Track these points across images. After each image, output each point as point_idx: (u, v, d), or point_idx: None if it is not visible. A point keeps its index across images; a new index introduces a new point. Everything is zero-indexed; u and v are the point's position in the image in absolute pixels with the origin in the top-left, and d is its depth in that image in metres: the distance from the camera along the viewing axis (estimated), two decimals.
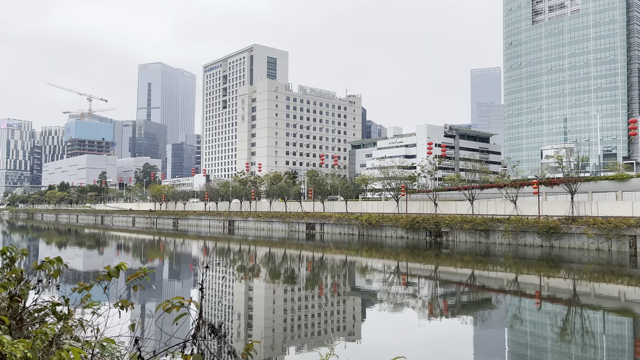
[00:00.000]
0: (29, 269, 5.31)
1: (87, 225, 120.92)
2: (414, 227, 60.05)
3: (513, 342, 19.15)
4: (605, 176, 57.35)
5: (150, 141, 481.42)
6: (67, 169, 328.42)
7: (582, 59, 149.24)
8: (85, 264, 45.67)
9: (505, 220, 52.63)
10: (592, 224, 45.60)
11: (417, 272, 38.59)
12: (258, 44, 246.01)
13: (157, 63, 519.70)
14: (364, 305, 26.43)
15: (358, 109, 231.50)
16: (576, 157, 52.45)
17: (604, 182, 54.62)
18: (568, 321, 21.98)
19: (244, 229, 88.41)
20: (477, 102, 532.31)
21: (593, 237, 45.10)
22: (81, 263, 45.72)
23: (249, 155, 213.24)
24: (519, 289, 30.98)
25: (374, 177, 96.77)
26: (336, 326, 20.29)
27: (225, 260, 48.86)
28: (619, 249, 44.42)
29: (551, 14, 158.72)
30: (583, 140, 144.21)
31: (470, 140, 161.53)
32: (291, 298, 28.10)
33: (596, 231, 45.07)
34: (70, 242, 72.18)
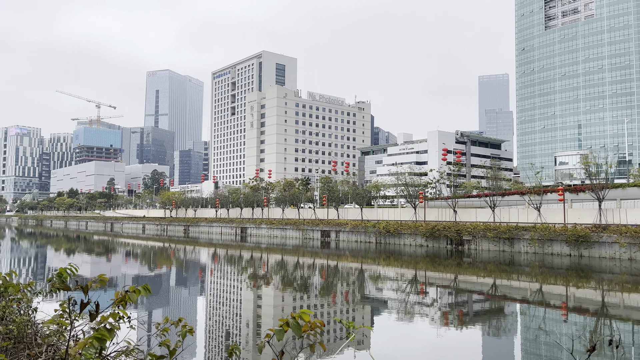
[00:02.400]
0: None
1: (96, 232, 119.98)
2: (434, 235, 58.36)
3: (532, 354, 18.06)
4: (635, 183, 55.51)
5: (158, 148, 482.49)
6: (75, 176, 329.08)
7: (596, 65, 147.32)
8: (96, 271, 44.41)
9: (530, 228, 50.85)
10: (624, 232, 43.76)
11: (438, 281, 37.09)
12: (267, 51, 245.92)
13: (165, 70, 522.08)
14: (379, 314, 25.48)
15: (367, 115, 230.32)
16: (605, 162, 50.56)
17: (633, 189, 52.80)
18: (598, 333, 20.35)
19: (257, 236, 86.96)
20: (485, 109, 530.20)
21: (626, 247, 43.23)
22: (90, 270, 44.48)
23: (258, 162, 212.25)
24: (548, 300, 29.43)
25: (387, 184, 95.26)
26: (344, 334, 19.94)
27: (238, 268, 47.48)
28: None
29: (564, 19, 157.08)
30: (598, 146, 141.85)
31: (482, 146, 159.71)
32: (307, 306, 27.17)
33: (629, 240, 43.22)
34: (81, 249, 71.05)
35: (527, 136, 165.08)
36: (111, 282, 37.12)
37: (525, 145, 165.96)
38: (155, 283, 37.86)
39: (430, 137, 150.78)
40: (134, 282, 37.62)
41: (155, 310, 25.48)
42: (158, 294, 31.46)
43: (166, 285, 36.99)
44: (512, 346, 19.39)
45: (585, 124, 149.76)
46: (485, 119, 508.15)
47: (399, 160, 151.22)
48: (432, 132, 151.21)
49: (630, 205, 51.32)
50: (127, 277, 40.83)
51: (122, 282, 37.52)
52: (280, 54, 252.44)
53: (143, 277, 40.84)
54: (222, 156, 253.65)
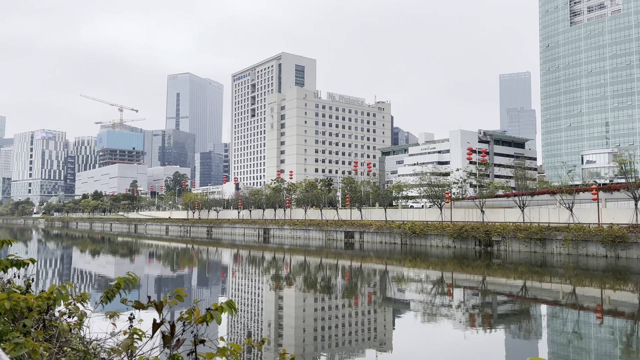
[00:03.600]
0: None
1: (120, 234, 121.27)
2: (462, 236, 57.16)
3: (558, 356, 17.38)
4: None
5: (179, 150, 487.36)
6: (99, 178, 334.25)
7: (624, 60, 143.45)
8: (119, 272, 44.48)
9: (563, 228, 49.35)
10: None
11: (468, 283, 36.20)
12: (286, 52, 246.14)
13: (186, 73, 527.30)
14: (405, 316, 25.05)
15: (387, 116, 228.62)
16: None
17: None
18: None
19: (280, 237, 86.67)
20: (506, 108, 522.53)
21: None
22: (114, 271, 44.65)
23: (278, 163, 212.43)
24: (584, 302, 28.30)
25: (410, 184, 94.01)
26: (371, 335, 19.99)
27: (262, 268, 47.12)
28: None
29: (590, 15, 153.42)
30: (627, 144, 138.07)
31: (505, 145, 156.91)
32: (328, 306, 26.86)
33: None
34: (108, 250, 71.67)
35: (553, 134, 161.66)
36: (143, 284, 37.09)
37: (550, 144, 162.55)
38: (189, 284, 37.69)
39: (453, 136, 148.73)
40: (165, 285, 37.48)
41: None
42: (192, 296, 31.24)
43: (199, 287, 36.77)
44: (541, 351, 18.53)
45: (613, 121, 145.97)
46: (506, 118, 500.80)
47: (421, 160, 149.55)
48: (455, 131, 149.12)
49: None
50: (162, 280, 40.77)
51: (159, 284, 37.44)
52: (300, 55, 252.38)
53: (173, 279, 40.73)
54: (242, 158, 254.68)
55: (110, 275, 42.72)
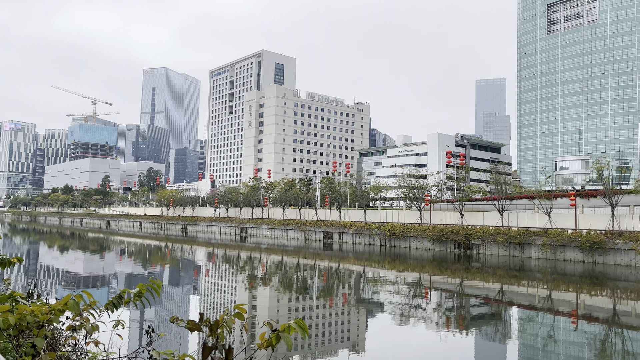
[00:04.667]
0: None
1: (92, 230, 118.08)
2: (442, 239, 57.17)
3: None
4: None
5: (154, 146, 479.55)
6: (70, 172, 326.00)
7: (598, 70, 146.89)
8: (89, 269, 42.84)
9: (542, 233, 49.74)
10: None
11: (446, 286, 36.10)
12: (266, 50, 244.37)
13: (162, 68, 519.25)
14: (380, 318, 24.92)
15: (366, 117, 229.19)
16: (619, 167, 49.56)
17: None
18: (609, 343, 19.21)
19: (257, 236, 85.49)
20: (482, 113, 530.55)
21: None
22: (85, 268, 42.96)
23: (256, 161, 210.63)
24: (563, 308, 28.43)
25: (388, 186, 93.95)
26: (345, 337, 19.89)
27: (237, 268, 46.12)
28: None
29: (567, 24, 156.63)
30: (599, 152, 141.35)
31: (481, 150, 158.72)
32: (302, 307, 26.63)
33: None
34: (78, 246, 69.36)
35: (528, 140, 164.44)
36: (107, 281, 35.69)
37: (525, 150, 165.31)
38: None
39: (430, 139, 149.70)
40: (137, 283, 36.07)
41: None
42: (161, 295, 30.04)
43: (171, 285, 35.53)
44: (513, 355, 18.55)
45: (586, 129, 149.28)
46: (482, 123, 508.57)
47: (399, 162, 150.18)
48: (432, 134, 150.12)
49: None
50: (132, 278, 39.32)
51: (129, 283, 36.04)
52: (280, 54, 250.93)
53: (144, 278, 39.35)
54: (218, 155, 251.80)
55: (79, 272, 41.07)
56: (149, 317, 22.89)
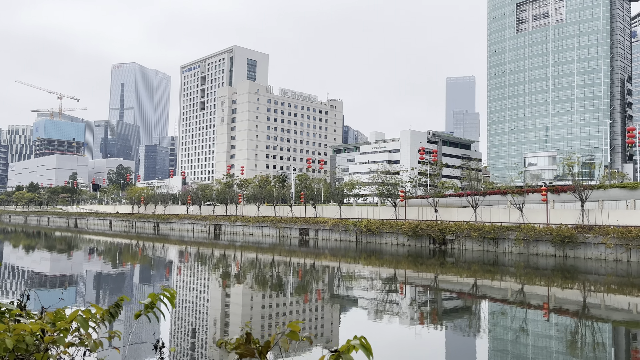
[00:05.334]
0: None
1: (59, 228, 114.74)
2: (417, 234, 57.60)
3: (506, 354, 17.61)
4: (616, 184, 56.09)
5: (123, 142, 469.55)
6: (35, 169, 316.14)
7: (565, 68, 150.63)
8: (56, 269, 41.48)
9: (515, 228, 50.61)
10: (610, 233, 43.85)
11: (420, 281, 36.35)
12: (238, 46, 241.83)
13: (131, 63, 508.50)
14: (353, 313, 25.00)
15: (339, 114, 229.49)
16: (587, 163, 50.84)
17: (615, 191, 53.27)
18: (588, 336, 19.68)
19: (232, 234, 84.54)
20: (452, 110, 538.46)
21: (612, 247, 43.33)
22: (52, 268, 41.55)
23: (228, 158, 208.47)
24: (532, 300, 28.99)
25: (363, 182, 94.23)
26: (318, 333, 19.85)
27: (211, 265, 45.45)
28: (639, 260, 42.78)
29: (535, 23, 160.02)
30: (565, 148, 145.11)
31: (452, 146, 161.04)
32: (276, 304, 26.49)
33: (615, 241, 43.35)
34: (45, 246, 67.19)
35: (498, 137, 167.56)
36: (75, 280, 34.60)
37: (495, 146, 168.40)
38: (131, 282, 35.46)
39: (403, 136, 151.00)
40: (106, 282, 35.06)
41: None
42: (122, 292, 29.25)
43: (133, 282, 34.64)
44: (486, 347, 18.77)
45: (553, 126, 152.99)
46: (452, 120, 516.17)
47: (372, 159, 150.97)
48: (405, 131, 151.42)
49: (612, 206, 51.74)
50: (102, 277, 38.21)
51: (98, 282, 34.97)
52: (252, 50, 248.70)
53: (114, 277, 38.31)
54: (190, 152, 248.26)
55: (47, 272, 39.72)
56: (129, 325, 22.15)
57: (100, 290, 31.80)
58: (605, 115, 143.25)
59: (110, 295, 29.49)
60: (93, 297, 28.58)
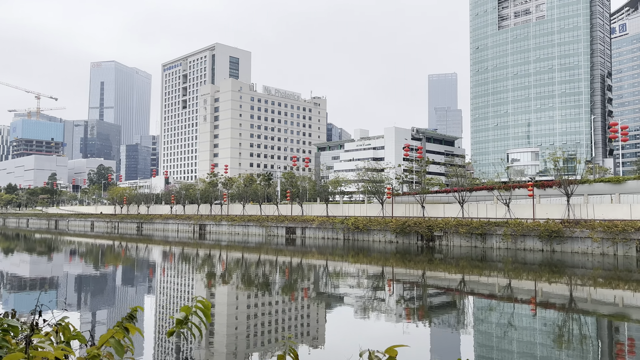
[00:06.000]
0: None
1: (39, 230, 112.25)
2: (405, 231, 57.42)
3: (489, 347, 17.57)
4: (601, 179, 56.60)
5: (103, 142, 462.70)
6: (12, 170, 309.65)
7: (546, 65, 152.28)
8: (38, 272, 40.27)
9: (502, 223, 50.72)
10: (597, 227, 44.13)
11: (408, 277, 36.10)
12: (220, 43, 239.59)
13: (111, 61, 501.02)
14: (340, 311, 24.63)
15: (323, 111, 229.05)
16: (572, 158, 51.17)
17: (599, 185, 53.71)
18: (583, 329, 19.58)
19: (217, 233, 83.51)
20: (434, 107, 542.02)
21: (599, 242, 43.62)
22: (32, 270, 40.30)
23: (211, 157, 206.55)
24: (519, 295, 28.89)
25: (349, 180, 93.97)
26: (304, 331, 19.63)
27: (196, 265, 44.63)
28: (625, 254, 43.15)
29: (517, 20, 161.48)
30: (547, 144, 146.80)
31: (436, 143, 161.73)
32: (261, 303, 26.11)
33: (602, 235, 43.64)
34: (24, 248, 65.43)
35: (481, 133, 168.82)
36: (56, 283, 33.51)
37: (478, 142, 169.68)
38: (113, 283, 34.48)
39: (387, 133, 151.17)
40: (87, 284, 34.02)
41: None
42: (103, 295, 28.36)
43: (117, 284, 33.70)
44: (475, 342, 18.66)
45: (535, 122, 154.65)
46: (435, 117, 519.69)
47: (356, 156, 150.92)
48: (389, 128, 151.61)
49: (597, 201, 52.16)
50: (83, 279, 37.12)
51: (79, 284, 33.90)
52: (234, 47, 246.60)
53: (96, 278, 37.25)
54: (172, 151, 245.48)
55: (26, 274, 38.48)
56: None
57: (83, 293, 30.79)
58: (586, 111, 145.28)
59: (93, 298, 28.54)
60: (76, 300, 27.62)
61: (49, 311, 3.90)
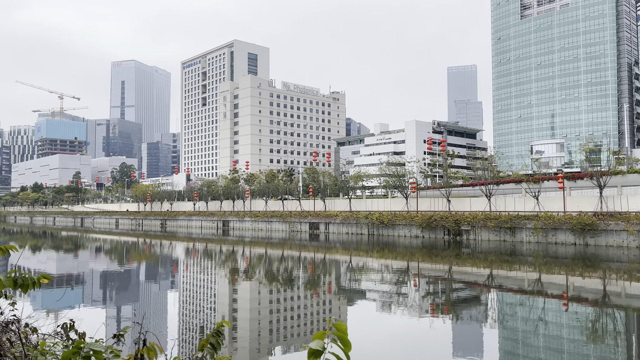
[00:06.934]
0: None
1: (65, 228, 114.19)
2: (431, 226, 56.60)
3: (528, 346, 16.74)
4: (634, 169, 54.89)
5: (125, 140, 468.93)
6: (38, 170, 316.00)
7: (571, 54, 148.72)
8: (65, 269, 40.67)
9: (532, 217, 49.57)
10: (632, 220, 42.77)
11: (437, 273, 35.41)
12: (238, 40, 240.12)
13: (131, 61, 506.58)
14: (367, 307, 24.33)
15: (342, 106, 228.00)
16: (603, 149, 49.67)
17: (633, 176, 52.13)
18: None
19: (240, 229, 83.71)
20: (454, 99, 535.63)
21: (635, 234, 42.26)
22: (67, 267, 40.72)
23: (232, 153, 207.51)
24: (553, 290, 28.07)
25: (370, 174, 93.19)
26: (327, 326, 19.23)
27: (220, 261, 44.62)
28: None
29: (540, 8, 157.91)
30: (573, 135, 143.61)
31: (458, 136, 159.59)
32: (285, 298, 25.94)
33: (638, 227, 42.29)
34: (52, 245, 66.46)
35: (504, 125, 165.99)
36: (85, 280, 33.72)
37: (501, 135, 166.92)
38: (137, 279, 34.58)
39: (408, 126, 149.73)
40: (112, 280, 34.15)
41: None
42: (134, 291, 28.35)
43: (141, 280, 33.74)
44: (507, 339, 18.06)
45: (560, 112, 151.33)
46: (454, 110, 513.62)
47: (377, 151, 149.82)
48: (410, 121, 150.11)
49: (631, 192, 50.57)
50: (107, 275, 37.35)
51: (104, 280, 34.09)
52: (252, 44, 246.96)
53: (120, 274, 37.42)
54: (193, 148, 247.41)
55: (59, 271, 38.83)
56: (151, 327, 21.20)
57: (113, 291, 30.87)
58: (613, 101, 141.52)
59: (119, 294, 28.55)
60: (101, 296, 27.68)
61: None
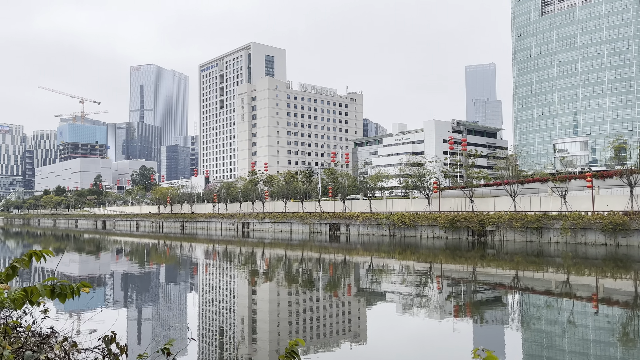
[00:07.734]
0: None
1: (87, 230, 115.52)
2: (455, 226, 55.54)
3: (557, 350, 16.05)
4: None
5: (144, 143, 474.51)
6: (60, 173, 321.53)
7: (594, 50, 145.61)
8: (85, 269, 40.74)
9: (560, 217, 48.22)
10: None
11: (461, 274, 34.35)
12: (255, 42, 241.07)
13: (149, 64, 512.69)
14: (389, 309, 23.63)
15: (359, 107, 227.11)
16: (638, 146, 48.03)
17: None
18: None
19: (260, 231, 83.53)
20: (472, 98, 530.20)
21: None
22: (96, 269, 40.84)
23: (250, 155, 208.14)
24: (584, 292, 26.85)
25: (390, 175, 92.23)
26: (346, 328, 19.32)
27: (241, 263, 44.29)
28: None
29: (561, 4, 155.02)
30: (597, 133, 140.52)
31: (477, 135, 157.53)
32: (305, 299, 25.47)
33: None
34: (76, 248, 67.04)
35: (525, 124, 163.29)
36: (105, 281, 33.65)
37: (522, 133, 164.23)
38: (157, 280, 34.39)
39: (427, 126, 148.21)
40: (132, 282, 34.01)
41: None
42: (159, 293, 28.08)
43: (162, 282, 33.50)
44: (532, 342, 17.35)
45: (583, 110, 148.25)
46: (473, 109, 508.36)
47: (395, 151, 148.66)
48: (429, 121, 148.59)
49: None
50: (128, 277, 37.27)
51: (125, 281, 33.99)
52: (269, 45, 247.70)
53: (140, 276, 37.29)
54: (211, 150, 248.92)
55: (83, 273, 38.91)
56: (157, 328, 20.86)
57: (139, 293, 30.69)
58: (638, 97, 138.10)
59: (143, 295, 28.32)
60: (128, 299, 27.48)
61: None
